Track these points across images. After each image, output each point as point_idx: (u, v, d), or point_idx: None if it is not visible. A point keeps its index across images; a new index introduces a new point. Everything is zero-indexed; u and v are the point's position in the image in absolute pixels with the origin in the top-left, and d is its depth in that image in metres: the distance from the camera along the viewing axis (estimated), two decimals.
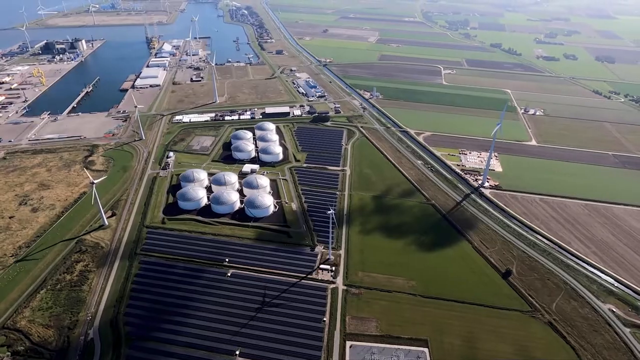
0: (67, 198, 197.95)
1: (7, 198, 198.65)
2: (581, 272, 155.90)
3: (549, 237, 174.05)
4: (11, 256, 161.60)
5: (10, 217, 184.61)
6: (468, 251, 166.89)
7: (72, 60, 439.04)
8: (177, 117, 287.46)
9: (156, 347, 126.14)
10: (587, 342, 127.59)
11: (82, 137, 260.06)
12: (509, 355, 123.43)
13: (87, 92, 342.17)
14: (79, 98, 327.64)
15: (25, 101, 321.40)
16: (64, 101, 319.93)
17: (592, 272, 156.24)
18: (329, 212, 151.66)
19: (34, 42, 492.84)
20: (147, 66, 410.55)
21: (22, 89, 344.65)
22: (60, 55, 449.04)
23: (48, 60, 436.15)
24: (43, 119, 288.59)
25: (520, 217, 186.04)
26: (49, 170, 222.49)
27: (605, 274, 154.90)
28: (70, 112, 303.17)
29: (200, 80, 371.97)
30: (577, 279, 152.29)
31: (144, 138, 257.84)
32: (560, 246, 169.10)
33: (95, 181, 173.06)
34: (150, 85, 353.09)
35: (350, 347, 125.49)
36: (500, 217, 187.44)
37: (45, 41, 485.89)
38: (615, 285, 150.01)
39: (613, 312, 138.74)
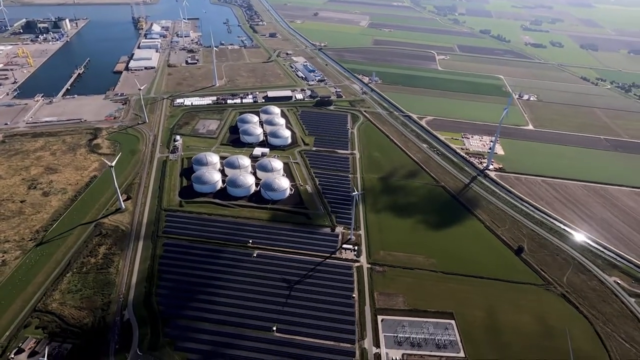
0: (77, 182, 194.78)
1: (15, 182, 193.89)
2: (586, 248, 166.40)
3: (555, 216, 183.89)
4: (30, 240, 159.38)
5: (21, 202, 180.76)
6: (480, 230, 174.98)
7: (57, 40, 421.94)
8: (179, 101, 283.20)
9: (191, 325, 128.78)
10: (598, 311, 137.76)
11: (82, 120, 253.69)
12: (529, 325, 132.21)
13: (79, 73, 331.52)
14: (71, 80, 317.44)
15: (14, 82, 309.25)
16: (55, 83, 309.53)
17: (596, 247, 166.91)
18: (353, 193, 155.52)
19: (12, 21, 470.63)
20: (139, 47, 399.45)
21: (10, 69, 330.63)
22: (44, 35, 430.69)
23: (31, 40, 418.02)
24: (37, 101, 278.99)
25: (526, 198, 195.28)
26: (53, 154, 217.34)
27: (608, 250, 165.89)
28: (64, 94, 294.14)
29: (196, 63, 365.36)
30: (583, 255, 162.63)
31: (147, 121, 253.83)
32: (564, 224, 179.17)
33: (112, 163, 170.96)
34: (145, 68, 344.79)
35: (382, 320, 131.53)
36: (507, 197, 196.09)
37: (25, 19, 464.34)
38: (618, 259, 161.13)
39: (618, 283, 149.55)
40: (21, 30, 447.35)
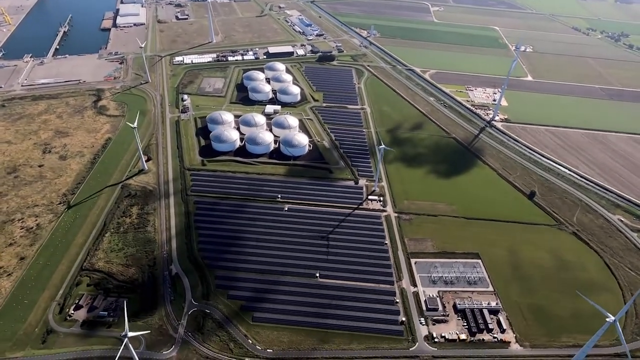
0: (92, 144, 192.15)
1: (27, 147, 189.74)
2: (591, 191, 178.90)
3: (560, 162, 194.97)
4: (59, 204, 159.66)
5: (39, 166, 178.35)
6: (494, 178, 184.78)
7: None
8: (178, 59, 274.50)
9: (237, 275, 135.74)
10: (606, 246, 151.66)
11: (81, 81, 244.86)
12: (546, 260, 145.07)
13: (64, 31, 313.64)
14: (58, 39, 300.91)
15: None
16: (41, 42, 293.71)
17: (599, 189, 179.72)
18: (380, 147, 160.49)
19: None
20: (122, 2, 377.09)
21: None
22: None
23: None
24: (27, 62, 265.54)
25: (533, 146, 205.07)
26: (60, 117, 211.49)
27: (610, 192, 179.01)
28: (54, 54, 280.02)
29: (187, 19, 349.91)
30: (588, 196, 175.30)
31: (150, 81, 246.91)
32: (570, 169, 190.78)
33: (135, 124, 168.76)
34: (135, 24, 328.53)
35: (415, 263, 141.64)
36: (515, 146, 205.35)
37: None
38: (620, 200, 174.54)
39: (622, 221, 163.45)
40: None
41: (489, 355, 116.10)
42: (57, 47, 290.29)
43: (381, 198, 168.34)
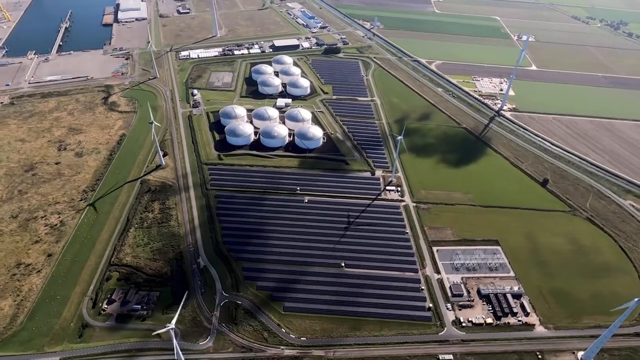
0: (107, 141, 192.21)
1: (42, 144, 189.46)
2: (602, 177, 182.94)
3: (569, 150, 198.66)
4: (80, 200, 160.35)
5: (56, 163, 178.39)
6: (506, 166, 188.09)
7: None
8: (184, 53, 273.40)
9: (264, 266, 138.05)
10: (620, 230, 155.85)
11: (89, 78, 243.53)
12: (563, 245, 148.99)
13: (66, 27, 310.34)
14: (60, 35, 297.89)
15: None
16: (43, 38, 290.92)
17: (610, 176, 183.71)
18: (398, 137, 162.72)
19: None
20: None
21: None
22: None
23: None
24: (31, 59, 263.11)
25: (542, 135, 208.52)
26: (71, 114, 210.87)
27: (620, 178, 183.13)
28: (58, 50, 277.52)
29: (188, 12, 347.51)
30: (600, 183, 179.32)
31: (158, 76, 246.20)
32: (580, 157, 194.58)
33: (152, 120, 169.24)
34: (136, 19, 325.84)
35: (437, 251, 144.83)
36: (526, 135, 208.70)
37: None
38: (631, 185, 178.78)
39: (633, 206, 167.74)
40: None
41: (515, 338, 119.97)
42: (61, 43, 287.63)
43: (399, 188, 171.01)
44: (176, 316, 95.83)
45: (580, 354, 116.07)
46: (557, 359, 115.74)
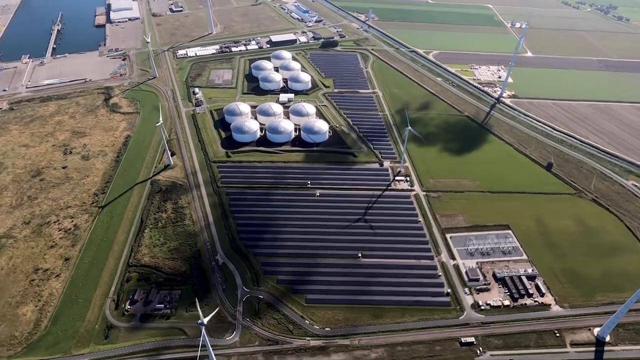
0: (113, 143, 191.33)
1: (46, 149, 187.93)
2: (604, 159, 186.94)
3: (570, 134, 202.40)
4: (92, 204, 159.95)
5: (63, 167, 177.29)
6: (511, 152, 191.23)
7: None
8: (181, 52, 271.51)
9: (281, 260, 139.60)
10: (624, 210, 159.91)
11: (87, 80, 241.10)
12: (572, 227, 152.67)
13: (58, 30, 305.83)
14: (53, 37, 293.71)
15: None
16: (36, 41, 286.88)
17: (611, 158, 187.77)
18: (407, 128, 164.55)
19: None
20: None
21: None
22: None
23: None
24: (26, 63, 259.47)
25: (543, 120, 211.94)
26: (73, 118, 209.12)
27: (621, 159, 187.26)
28: (52, 53, 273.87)
29: (181, 11, 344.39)
30: (602, 165, 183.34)
31: (157, 76, 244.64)
32: (581, 140, 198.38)
33: (160, 121, 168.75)
34: (129, 19, 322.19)
35: (451, 237, 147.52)
36: (527, 121, 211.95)
37: None
38: (632, 166, 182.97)
39: (636, 186, 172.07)
40: None
41: (533, 318, 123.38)
42: (54, 46, 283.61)
43: (408, 178, 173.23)
44: (200, 314, 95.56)
45: (596, 330, 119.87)
46: (574, 336, 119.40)
